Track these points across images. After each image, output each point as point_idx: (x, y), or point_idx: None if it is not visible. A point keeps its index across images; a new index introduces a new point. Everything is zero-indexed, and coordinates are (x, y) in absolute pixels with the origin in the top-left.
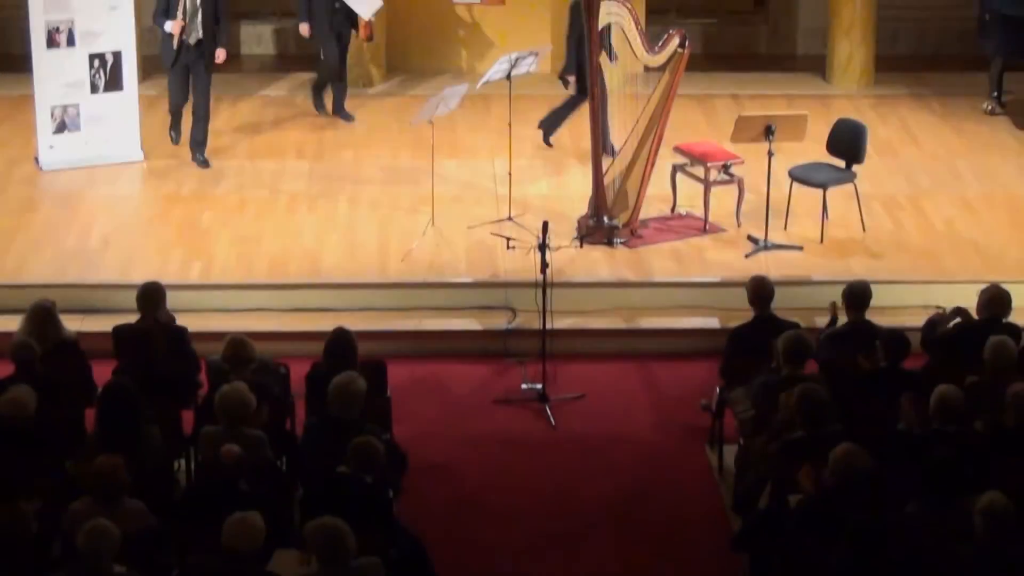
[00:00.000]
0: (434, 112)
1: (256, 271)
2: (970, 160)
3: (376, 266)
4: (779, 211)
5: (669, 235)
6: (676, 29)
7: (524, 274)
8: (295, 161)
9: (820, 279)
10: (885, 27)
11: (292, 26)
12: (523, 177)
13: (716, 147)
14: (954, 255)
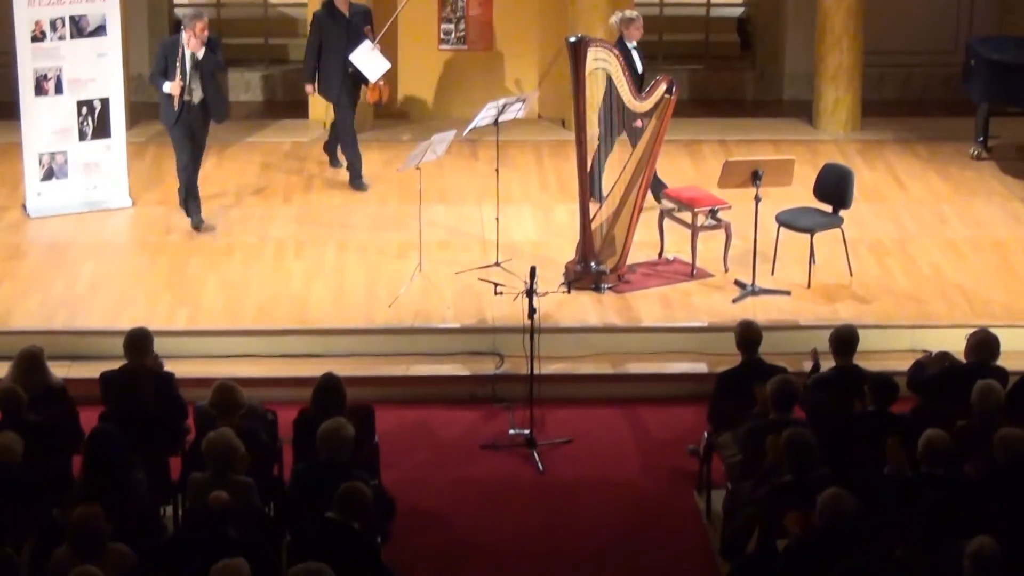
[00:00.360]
0: (422, 158)
1: (244, 317)
2: (956, 205)
3: (364, 312)
4: (766, 256)
5: (657, 280)
6: (663, 75)
7: (512, 319)
8: (283, 207)
9: (807, 324)
10: (871, 72)
11: (280, 73)
12: (511, 222)
13: (703, 192)
14: (941, 299)
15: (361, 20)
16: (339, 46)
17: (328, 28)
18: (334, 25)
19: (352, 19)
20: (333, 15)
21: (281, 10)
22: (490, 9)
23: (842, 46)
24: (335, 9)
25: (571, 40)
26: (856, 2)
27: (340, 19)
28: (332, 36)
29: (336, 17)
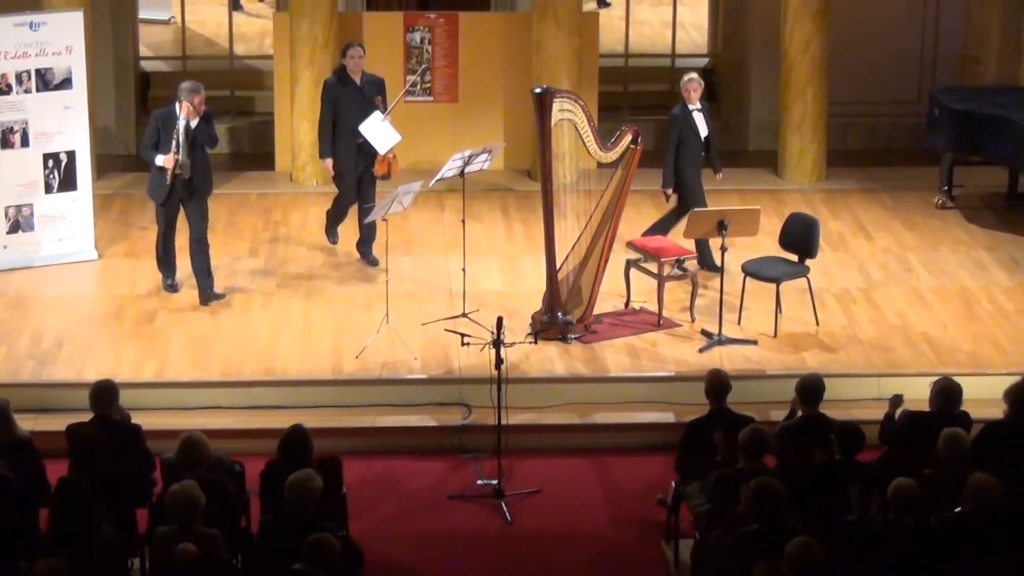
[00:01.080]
0: (388, 210)
1: (210, 369)
2: (921, 254)
3: (331, 363)
4: (733, 306)
5: (623, 330)
6: (629, 126)
7: (479, 370)
8: (249, 259)
9: (774, 373)
10: (836, 122)
11: (246, 125)
12: (477, 273)
13: (669, 242)
14: (907, 348)
15: (373, 90)
16: (351, 116)
17: (340, 97)
18: (346, 94)
19: (364, 88)
20: (345, 83)
21: (247, 62)
22: (456, 61)
23: (807, 97)
24: (347, 77)
25: (536, 91)
26: (820, 53)
27: (352, 88)
28: (344, 105)
29: (348, 85)
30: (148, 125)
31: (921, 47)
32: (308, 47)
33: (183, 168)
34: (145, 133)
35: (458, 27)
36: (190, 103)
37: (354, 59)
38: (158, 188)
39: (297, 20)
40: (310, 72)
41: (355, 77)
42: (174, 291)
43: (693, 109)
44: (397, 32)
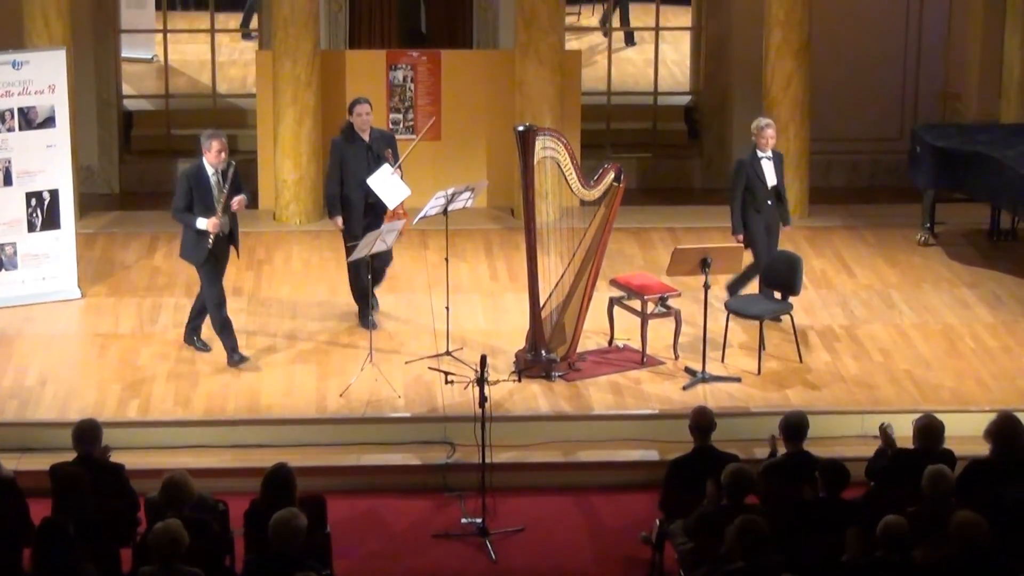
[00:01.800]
0: (371, 248)
1: (194, 408)
2: (904, 291)
3: (314, 402)
4: (716, 343)
5: (607, 368)
6: (611, 163)
7: (463, 408)
8: (233, 298)
9: (758, 410)
10: (818, 160)
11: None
12: (461, 312)
13: (653, 280)
14: (891, 385)
15: (382, 144)
16: (360, 174)
17: (348, 155)
18: (353, 151)
19: (373, 144)
20: (352, 141)
21: (230, 101)
22: (438, 99)
23: (789, 134)
24: (354, 133)
25: (519, 129)
26: (802, 91)
27: (360, 145)
28: (352, 163)
29: (356, 143)
30: (178, 185)
31: (902, 84)
32: (291, 85)
33: (223, 226)
34: (176, 194)
35: (441, 65)
36: (209, 151)
37: (361, 116)
38: (197, 250)
39: (280, 58)
40: (293, 110)
41: (363, 134)
42: (242, 363)
43: (762, 157)
44: (380, 70)
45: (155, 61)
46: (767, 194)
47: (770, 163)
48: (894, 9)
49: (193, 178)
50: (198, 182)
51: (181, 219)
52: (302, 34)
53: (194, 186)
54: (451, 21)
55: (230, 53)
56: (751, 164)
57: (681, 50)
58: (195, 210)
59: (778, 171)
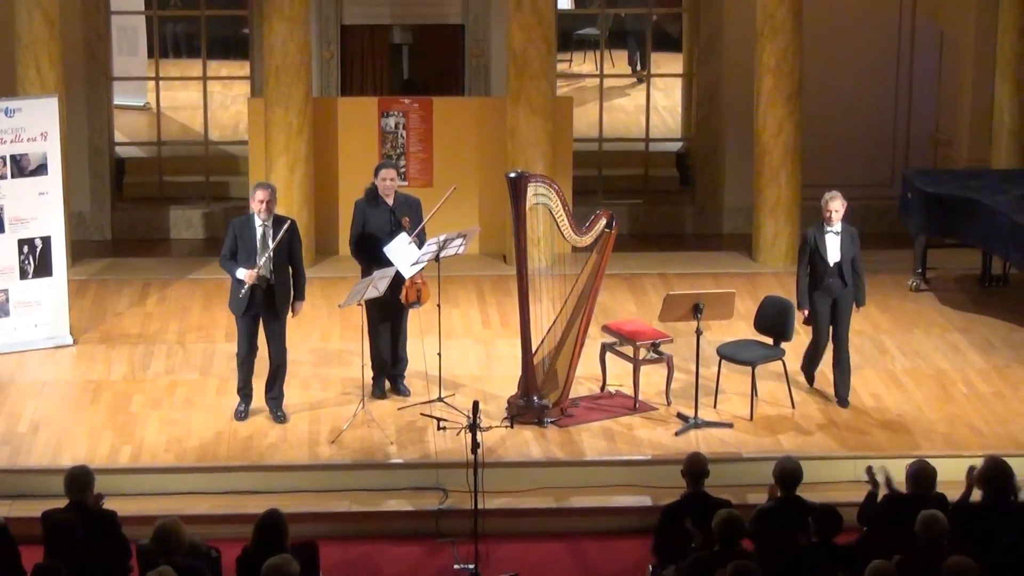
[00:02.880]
0: (363, 295)
1: (187, 454)
2: (896, 336)
3: (307, 448)
4: (708, 389)
5: (599, 414)
6: (603, 210)
7: (455, 454)
8: (224, 344)
9: (751, 456)
10: (810, 205)
11: (221, 210)
12: (453, 358)
13: (645, 326)
14: (883, 430)
15: (405, 210)
16: (380, 239)
17: (368, 218)
18: (375, 215)
19: (396, 209)
20: (375, 204)
21: (222, 148)
22: (430, 145)
23: (780, 180)
24: (378, 196)
25: (511, 175)
26: (793, 137)
27: (382, 209)
28: (372, 227)
29: (378, 205)
30: (226, 234)
31: (894, 130)
32: (283, 133)
33: (260, 281)
34: (224, 242)
35: (432, 112)
36: (252, 197)
37: (385, 181)
38: (237, 300)
39: (272, 106)
40: (285, 158)
41: (387, 199)
42: (244, 419)
43: (828, 231)
44: (372, 117)
45: (147, 108)
46: (829, 271)
47: (836, 238)
48: (885, 55)
49: (239, 226)
50: (243, 231)
51: (225, 267)
52: (294, 81)
53: (239, 235)
54: (443, 68)
55: (222, 100)
56: (815, 238)
57: (673, 96)
58: (239, 258)
59: (846, 247)
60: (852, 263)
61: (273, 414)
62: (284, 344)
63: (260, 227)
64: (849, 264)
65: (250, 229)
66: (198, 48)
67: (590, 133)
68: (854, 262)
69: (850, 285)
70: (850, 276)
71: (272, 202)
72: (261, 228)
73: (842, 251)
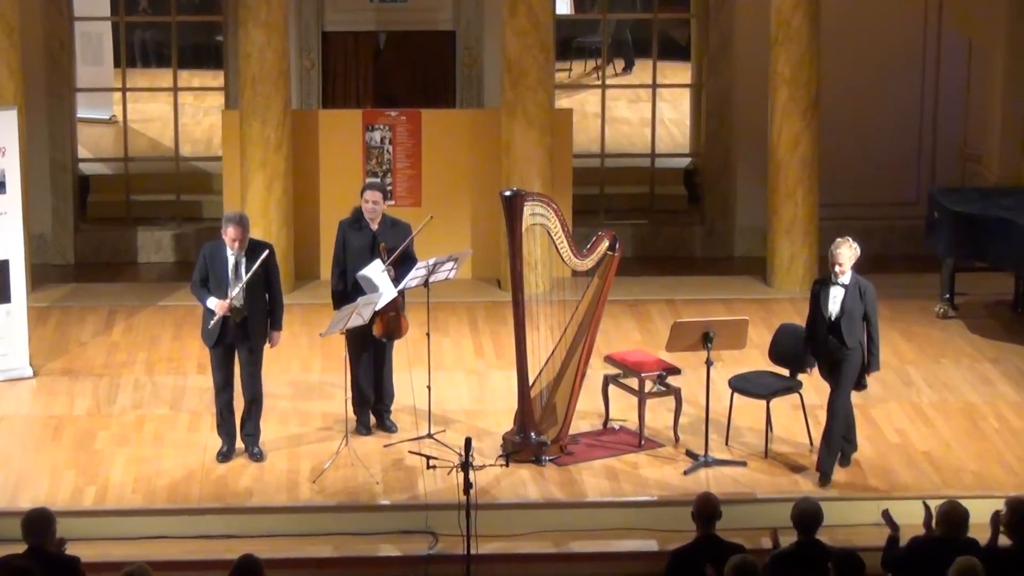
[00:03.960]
0: (346, 323)
1: (155, 495)
2: (922, 367)
3: (286, 488)
4: (720, 424)
5: (602, 451)
6: (606, 231)
7: (446, 495)
8: (196, 376)
9: (765, 497)
10: (828, 226)
11: (193, 231)
12: (444, 391)
13: (650, 356)
14: (908, 468)
15: (388, 236)
16: (360, 263)
17: (350, 241)
18: (357, 238)
19: (380, 234)
20: (357, 225)
21: (194, 164)
22: (418, 161)
23: (796, 198)
24: (362, 219)
25: (506, 194)
26: (810, 151)
27: (365, 232)
28: (353, 251)
29: (361, 229)
30: (198, 258)
31: (919, 145)
32: (260, 148)
33: (233, 312)
34: (195, 267)
35: (421, 125)
36: (224, 232)
37: (368, 204)
38: (207, 331)
39: (248, 119)
40: (262, 175)
41: (371, 222)
42: (226, 460)
43: (836, 282)
44: (355, 131)
45: (113, 122)
46: (825, 327)
47: (840, 291)
48: (909, 64)
49: (210, 253)
50: (214, 258)
51: (195, 294)
52: (272, 92)
53: (209, 262)
54: (432, 78)
55: (194, 113)
56: (819, 289)
57: (680, 109)
58: (211, 286)
59: (850, 302)
60: (865, 322)
61: (249, 451)
62: (260, 378)
63: (232, 256)
64: (852, 322)
65: (221, 256)
66: (168, 57)
67: (591, 148)
68: (867, 322)
69: (852, 347)
70: (853, 336)
71: (245, 239)
72: (234, 256)
73: (844, 305)
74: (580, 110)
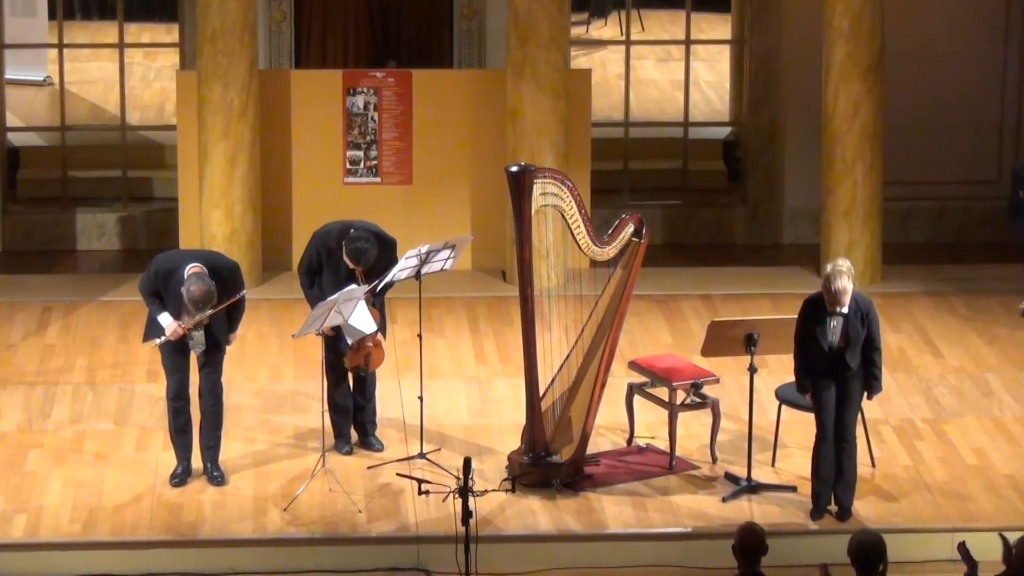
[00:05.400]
0: (323, 323)
1: (98, 525)
2: (1005, 374)
3: (251, 517)
4: (765, 442)
5: (625, 475)
6: (631, 213)
7: (441, 526)
8: (146, 384)
9: (819, 528)
10: (893, 208)
11: (142, 214)
12: (438, 402)
13: (683, 362)
14: (987, 495)
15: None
16: (335, 281)
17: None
18: (332, 260)
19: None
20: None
21: (143, 135)
22: (409, 132)
23: (856, 175)
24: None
25: (512, 169)
26: (872, 120)
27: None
28: (332, 264)
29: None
30: (148, 268)
31: (1000, 114)
32: (221, 115)
33: (194, 345)
34: (145, 275)
35: (412, 88)
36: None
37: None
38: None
39: (207, 81)
40: (224, 146)
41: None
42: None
43: (835, 313)
44: (334, 95)
45: (48, 84)
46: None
47: (840, 320)
48: (990, 18)
49: (163, 276)
50: (168, 282)
51: (143, 297)
52: (236, 50)
53: (163, 286)
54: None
55: (144, 74)
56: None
57: (719, 69)
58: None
59: (850, 331)
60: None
61: (208, 473)
62: (220, 380)
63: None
64: (855, 348)
65: (175, 285)
66: (113, 8)
67: (613, 115)
68: (870, 341)
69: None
70: (857, 359)
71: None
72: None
73: (847, 335)
74: (600, 71)
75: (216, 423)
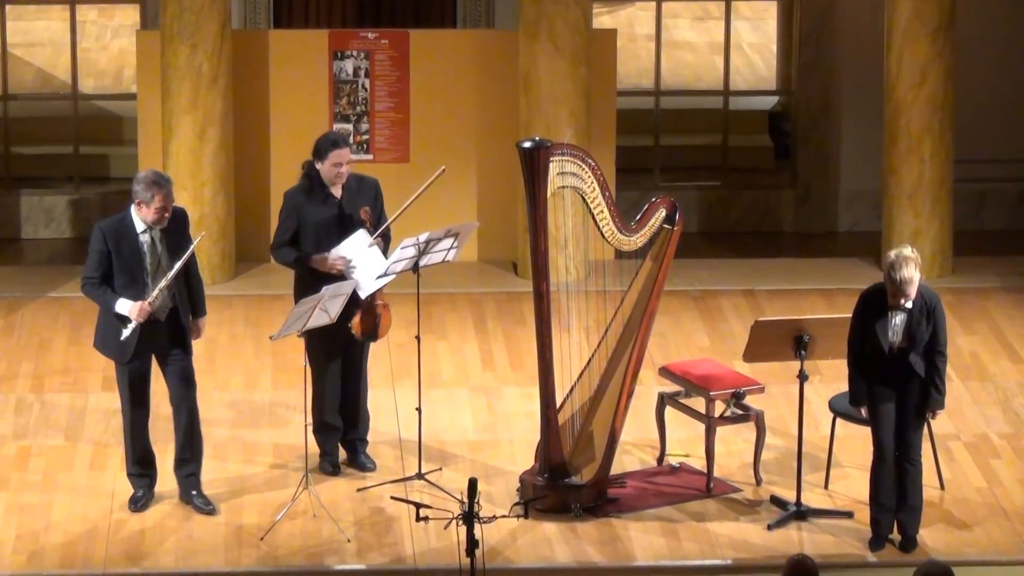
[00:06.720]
0: (306, 322)
1: (45, 556)
2: None
3: (223, 548)
4: (817, 461)
5: (656, 498)
6: (661, 196)
7: (442, 557)
8: (101, 394)
9: (879, 561)
10: (966, 191)
11: (97, 196)
12: (438, 415)
13: (722, 368)
14: None
15: (359, 199)
16: (324, 242)
17: (307, 216)
18: (317, 212)
19: (347, 201)
20: (316, 195)
21: (98, 105)
22: (406, 101)
23: (922, 153)
24: (320, 185)
25: (525, 145)
26: (942, 89)
27: (330, 202)
28: (313, 230)
29: (325, 199)
30: (90, 246)
31: None
32: (189, 82)
33: (158, 311)
34: (87, 260)
35: (409, 51)
36: (145, 203)
37: (335, 168)
38: (117, 342)
39: (172, 43)
40: (191, 119)
41: (333, 188)
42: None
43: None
44: (320, 58)
45: None
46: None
47: (903, 316)
48: None
49: (112, 235)
50: (119, 242)
51: (93, 296)
52: (205, 7)
53: (113, 248)
54: None
55: (99, 35)
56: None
57: (765, 31)
58: (115, 283)
59: (914, 329)
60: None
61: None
62: (195, 391)
63: (144, 234)
64: (919, 349)
65: (131, 239)
66: None
67: (642, 83)
68: (934, 343)
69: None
70: (921, 363)
71: (170, 207)
72: (146, 235)
73: (910, 334)
74: (627, 31)
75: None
